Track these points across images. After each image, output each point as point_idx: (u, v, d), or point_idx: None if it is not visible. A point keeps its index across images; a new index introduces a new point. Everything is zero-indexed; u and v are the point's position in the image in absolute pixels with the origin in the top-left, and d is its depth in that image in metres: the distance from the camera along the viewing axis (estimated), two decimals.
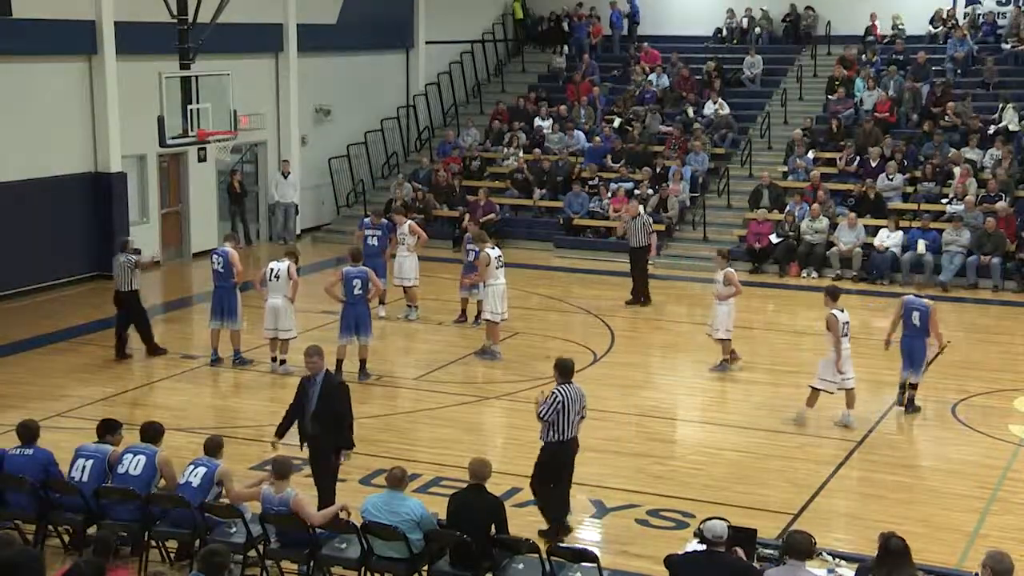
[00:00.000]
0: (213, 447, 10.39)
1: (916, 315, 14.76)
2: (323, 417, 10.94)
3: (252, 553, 9.86)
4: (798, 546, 8.19)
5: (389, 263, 19.50)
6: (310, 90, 27.11)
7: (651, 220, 21.47)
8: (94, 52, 21.86)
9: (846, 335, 14.37)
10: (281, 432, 11.33)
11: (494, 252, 17.34)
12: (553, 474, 11.04)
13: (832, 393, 14.37)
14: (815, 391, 14.45)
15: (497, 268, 17.20)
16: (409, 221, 19.92)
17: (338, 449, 11.03)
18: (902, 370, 15.03)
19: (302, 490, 10.07)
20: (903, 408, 14.97)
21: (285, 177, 26.09)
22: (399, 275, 19.42)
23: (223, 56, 22.12)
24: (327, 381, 11.11)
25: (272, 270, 16.30)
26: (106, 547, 8.33)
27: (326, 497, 10.78)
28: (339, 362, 16.02)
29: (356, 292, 15.99)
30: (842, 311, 14.37)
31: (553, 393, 10.86)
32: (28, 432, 10.60)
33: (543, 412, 10.85)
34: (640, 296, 20.75)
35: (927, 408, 15.09)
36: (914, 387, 14.96)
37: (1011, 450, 13.79)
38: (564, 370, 11.04)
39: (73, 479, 10.29)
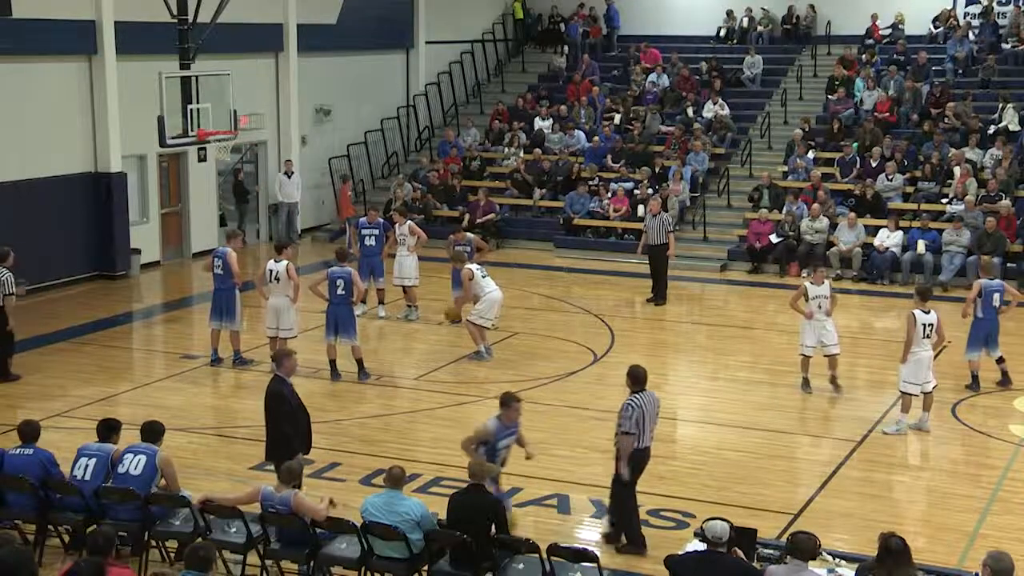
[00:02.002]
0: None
1: (996, 296, 15.53)
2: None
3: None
4: (803, 547, 8.17)
5: (388, 263, 19.48)
6: (310, 90, 27.11)
7: (671, 219, 21.39)
8: (94, 52, 21.86)
9: (927, 337, 14.08)
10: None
11: (474, 266, 17.25)
12: (632, 482, 10.84)
13: (924, 395, 14.25)
14: (906, 395, 14.27)
15: (483, 278, 17.10)
16: (408, 221, 19.90)
17: None
18: (969, 353, 15.73)
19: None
20: (972, 389, 15.72)
21: (288, 177, 26.08)
22: (399, 275, 19.41)
23: (223, 56, 22.12)
24: None
25: (271, 271, 16.29)
26: (102, 546, 8.32)
27: None
28: (332, 362, 16.03)
29: (339, 292, 15.98)
30: (927, 312, 14.08)
31: (628, 404, 10.68)
32: (29, 431, 10.61)
33: (626, 427, 10.61)
34: (658, 294, 20.72)
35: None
36: (1002, 360, 15.98)
37: (1011, 450, 13.79)
38: (637, 378, 10.84)
39: (76, 478, 10.29)
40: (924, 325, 14.02)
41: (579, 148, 27.59)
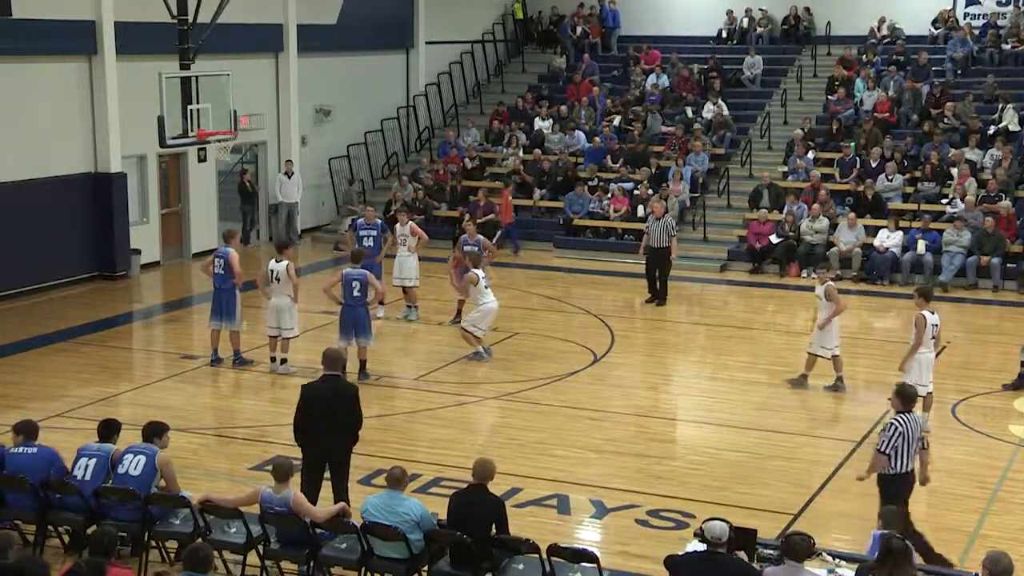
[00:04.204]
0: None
1: None
2: None
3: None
4: (796, 547, 8.20)
5: (388, 263, 19.45)
6: (310, 90, 27.11)
7: (674, 223, 21.25)
8: (94, 52, 21.85)
9: (933, 339, 14.05)
10: None
11: (480, 272, 17.19)
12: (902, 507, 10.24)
13: (924, 397, 14.20)
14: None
15: (485, 288, 17.07)
16: (411, 222, 19.83)
17: None
18: None
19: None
20: None
21: (288, 177, 26.09)
22: (400, 275, 19.37)
23: (223, 56, 22.12)
24: None
25: (273, 271, 16.29)
26: (106, 546, 8.31)
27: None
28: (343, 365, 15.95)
29: (355, 294, 15.96)
30: (933, 313, 14.03)
31: (893, 424, 10.24)
32: (28, 429, 10.62)
33: (883, 446, 10.16)
34: (656, 296, 20.63)
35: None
36: None
37: (1011, 450, 13.79)
38: (907, 398, 10.43)
39: (76, 478, 10.29)
40: (932, 326, 14.02)
41: (579, 148, 27.59)
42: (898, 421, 10.22)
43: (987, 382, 16.18)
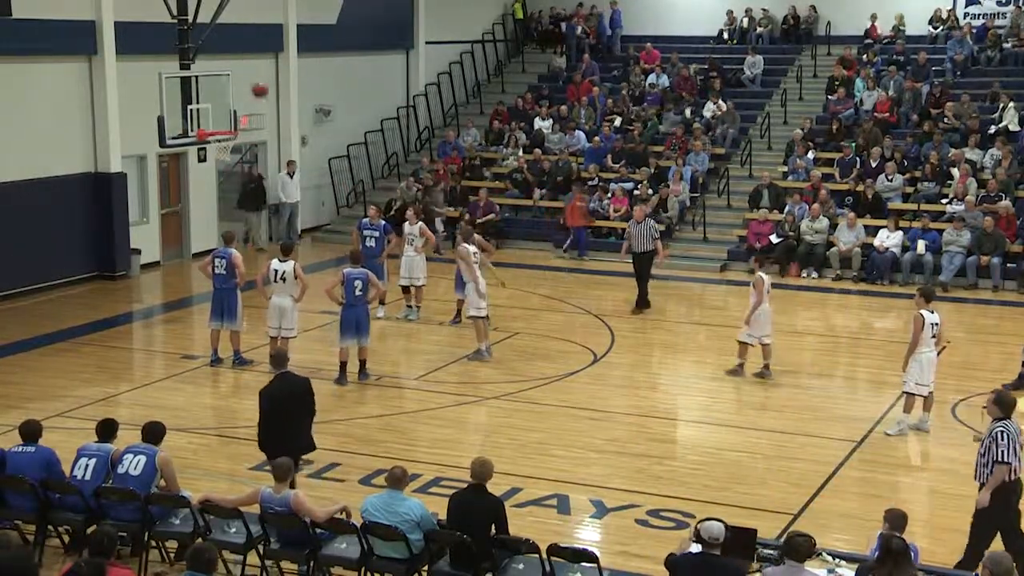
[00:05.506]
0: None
1: None
2: None
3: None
4: (798, 548, 8.20)
5: (391, 264, 19.43)
6: (310, 90, 27.12)
7: (657, 225, 21.17)
8: (94, 52, 21.85)
9: (933, 338, 14.07)
10: None
11: (472, 248, 17.30)
12: (1000, 516, 10.05)
13: (925, 396, 14.25)
14: (911, 396, 14.24)
15: (476, 264, 17.17)
16: (420, 222, 19.75)
17: None
18: None
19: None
20: None
21: (291, 177, 26.09)
22: (410, 275, 19.24)
23: (223, 56, 22.12)
24: None
25: (277, 271, 16.24)
26: (105, 546, 8.32)
27: None
28: (343, 365, 15.96)
29: (357, 293, 15.93)
30: (932, 312, 14.05)
31: (1003, 432, 9.95)
32: (30, 431, 10.61)
33: (1006, 456, 9.86)
34: (644, 302, 20.57)
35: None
36: None
37: None
38: (1006, 405, 10.16)
39: (76, 478, 10.29)
40: (931, 325, 14.03)
41: (579, 148, 27.59)
42: (1005, 427, 10.05)
43: (987, 382, 16.10)
